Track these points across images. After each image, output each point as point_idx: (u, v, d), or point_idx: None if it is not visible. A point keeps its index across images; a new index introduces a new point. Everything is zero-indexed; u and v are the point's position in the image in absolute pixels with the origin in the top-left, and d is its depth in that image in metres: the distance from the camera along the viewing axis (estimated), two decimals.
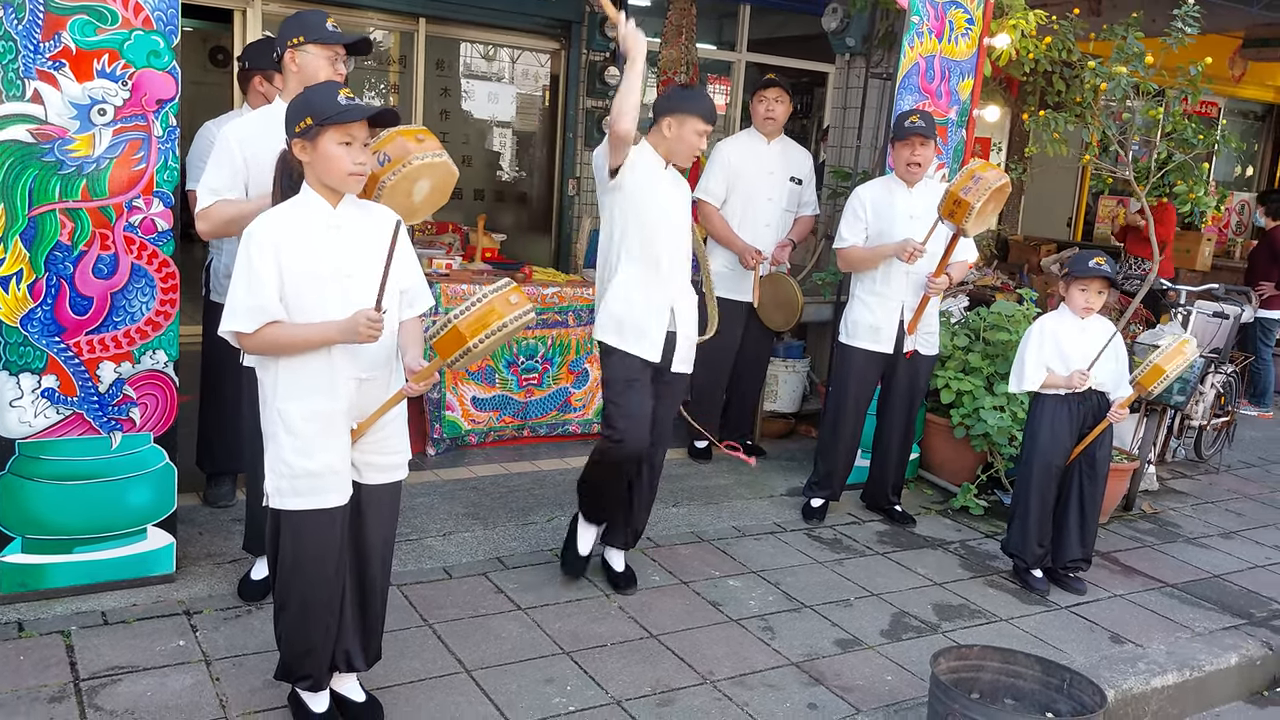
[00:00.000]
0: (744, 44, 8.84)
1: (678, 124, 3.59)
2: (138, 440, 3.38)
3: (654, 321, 3.66)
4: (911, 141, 4.38)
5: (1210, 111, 11.62)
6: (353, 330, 2.50)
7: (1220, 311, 6.26)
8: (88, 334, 3.26)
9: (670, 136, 3.61)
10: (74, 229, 3.18)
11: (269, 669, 2.91)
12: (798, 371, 5.90)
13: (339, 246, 2.55)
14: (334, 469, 2.63)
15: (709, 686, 3.23)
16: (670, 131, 3.60)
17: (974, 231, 4.20)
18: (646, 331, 3.65)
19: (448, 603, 3.59)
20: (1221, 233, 11.46)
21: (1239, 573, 4.64)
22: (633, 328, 3.64)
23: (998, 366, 5.12)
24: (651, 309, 3.66)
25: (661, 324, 3.68)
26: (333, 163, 2.51)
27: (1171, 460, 6.24)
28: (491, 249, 6.35)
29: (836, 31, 5.66)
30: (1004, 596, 4.13)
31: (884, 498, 4.86)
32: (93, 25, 3.10)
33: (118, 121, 3.19)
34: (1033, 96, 6.31)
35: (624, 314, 3.64)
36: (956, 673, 3.04)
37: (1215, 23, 6.56)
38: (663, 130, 3.62)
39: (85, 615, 3.28)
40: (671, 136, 3.61)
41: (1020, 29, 5.13)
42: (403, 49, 7.59)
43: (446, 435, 5.11)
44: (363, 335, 2.50)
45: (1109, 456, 4.26)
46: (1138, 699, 3.51)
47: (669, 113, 3.60)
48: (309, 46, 3.11)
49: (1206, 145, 5.64)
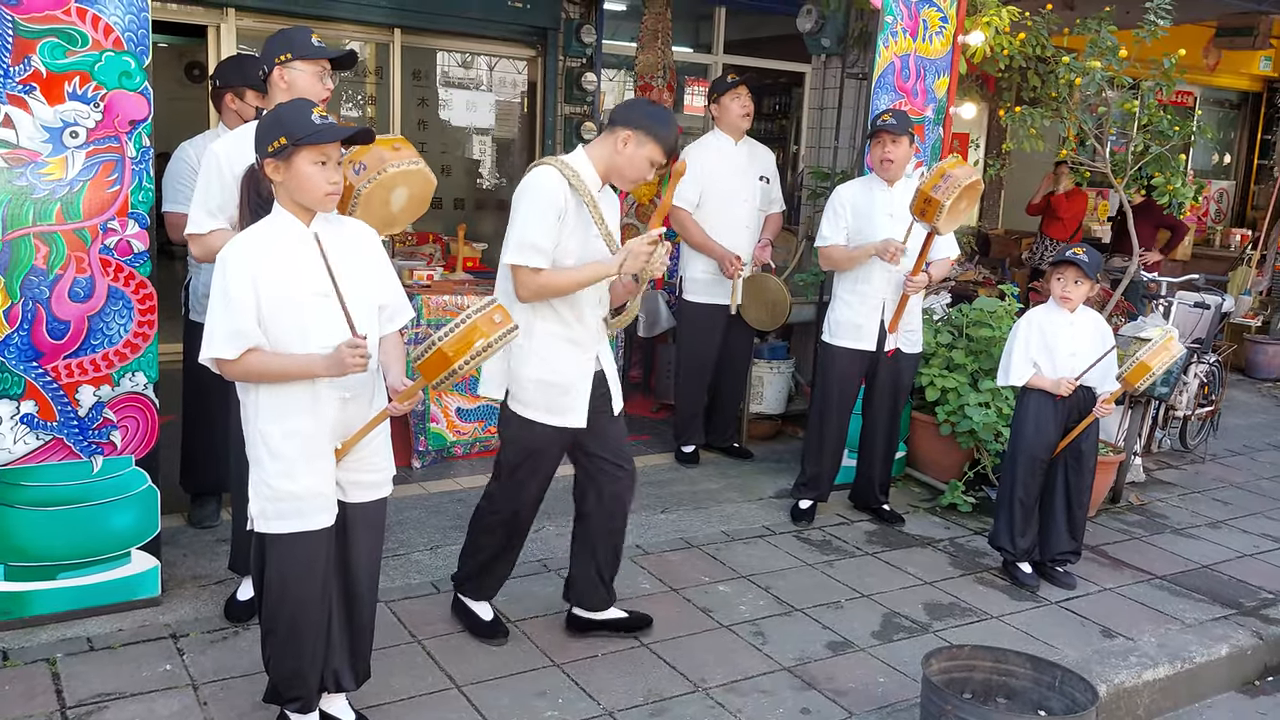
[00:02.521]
0: (720, 46, 8.85)
1: (636, 143, 3.12)
2: (119, 463, 3.36)
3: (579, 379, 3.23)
4: (882, 138, 4.40)
5: (1186, 101, 11.69)
6: (339, 363, 2.47)
7: (1201, 302, 6.29)
8: (66, 358, 3.23)
9: (623, 153, 3.13)
10: (49, 253, 3.15)
11: (257, 691, 2.89)
12: (782, 372, 5.90)
13: (315, 265, 2.53)
14: (318, 491, 2.61)
15: (701, 694, 3.22)
16: (625, 148, 3.12)
17: (947, 229, 4.22)
18: (569, 390, 3.22)
19: (436, 618, 3.57)
20: (1200, 221, 11.54)
21: (1227, 562, 4.66)
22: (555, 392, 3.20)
23: (981, 363, 5.13)
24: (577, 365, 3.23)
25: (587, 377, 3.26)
26: (307, 182, 2.49)
27: (1157, 451, 6.27)
28: (473, 258, 6.33)
29: (811, 32, 5.67)
30: (994, 593, 4.14)
31: (872, 497, 4.86)
32: (62, 48, 3.08)
33: (90, 144, 3.16)
34: (1009, 92, 6.33)
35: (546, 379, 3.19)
36: (948, 673, 3.04)
37: (1188, 13, 6.60)
38: (617, 143, 3.13)
39: (70, 642, 3.24)
40: (625, 154, 3.13)
41: (994, 26, 5.15)
42: (379, 60, 7.56)
43: (432, 447, 5.09)
44: (349, 367, 2.48)
45: (1095, 449, 4.28)
46: (1130, 693, 3.52)
47: (632, 126, 3.12)
48: (297, 63, 3.11)
49: (1183, 136, 5.67)
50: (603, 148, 3.20)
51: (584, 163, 3.19)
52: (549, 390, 3.21)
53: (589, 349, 3.26)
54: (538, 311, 3.18)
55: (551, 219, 3.09)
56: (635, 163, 3.15)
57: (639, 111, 3.19)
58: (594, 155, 3.20)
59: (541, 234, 3.08)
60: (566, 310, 3.19)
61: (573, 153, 3.25)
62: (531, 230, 3.08)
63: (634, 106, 3.24)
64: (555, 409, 3.23)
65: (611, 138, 3.17)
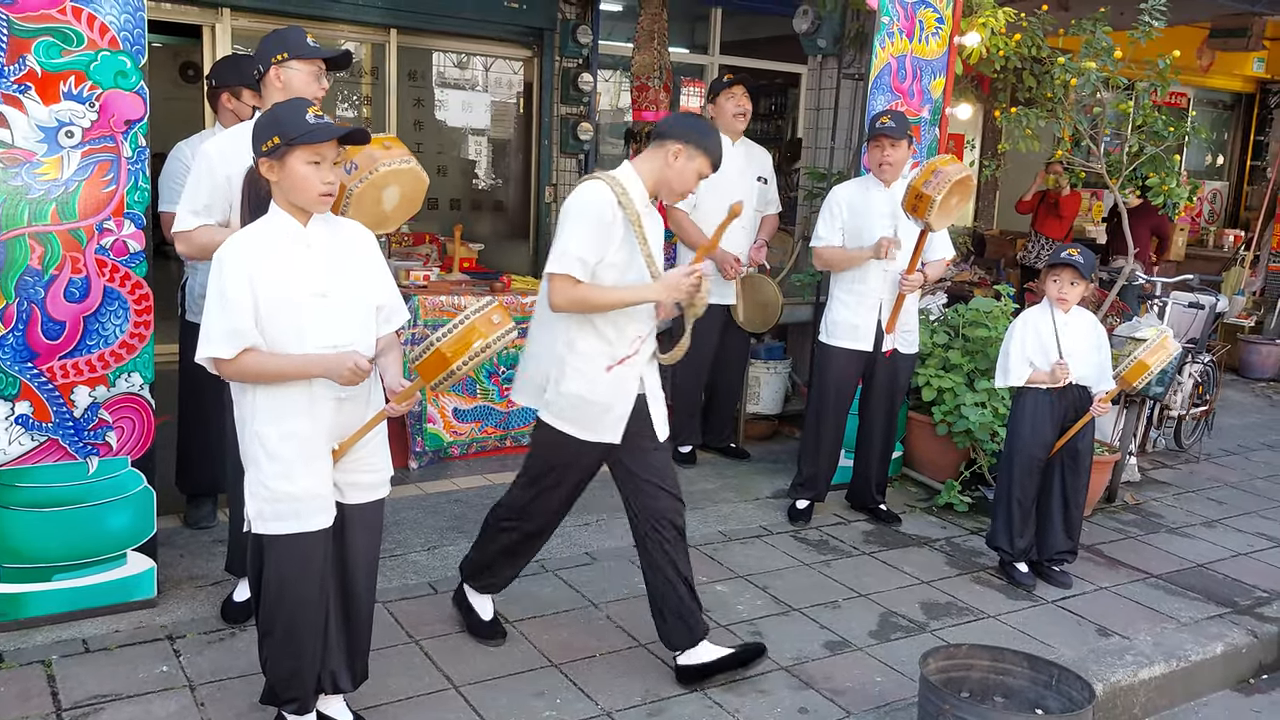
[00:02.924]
0: (716, 47, 8.86)
1: (687, 156, 3.09)
2: (115, 464, 3.35)
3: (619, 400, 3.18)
4: (881, 142, 4.40)
5: (1180, 102, 11.72)
6: (338, 370, 2.48)
7: (1195, 302, 6.31)
8: (61, 359, 3.22)
9: (674, 166, 3.10)
10: (44, 253, 3.14)
11: (254, 692, 2.88)
12: (779, 373, 5.90)
13: (311, 265, 2.53)
14: (316, 492, 2.60)
15: (699, 694, 3.22)
16: (676, 161, 3.09)
17: (939, 225, 4.23)
18: (609, 410, 3.17)
19: (434, 618, 3.56)
20: (1194, 222, 11.57)
21: (1222, 561, 4.67)
22: (595, 410, 3.16)
23: (978, 363, 5.14)
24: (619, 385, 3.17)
25: (628, 398, 3.20)
26: (302, 183, 2.49)
27: (1152, 450, 6.29)
28: (469, 259, 6.33)
29: (808, 33, 5.67)
30: (991, 593, 4.14)
31: (868, 497, 4.87)
32: (58, 47, 3.07)
33: (86, 143, 3.15)
34: (1004, 93, 6.35)
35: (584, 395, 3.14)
36: (946, 672, 3.04)
37: (1182, 14, 6.61)
38: (668, 155, 3.09)
39: (66, 644, 3.23)
40: (675, 167, 3.10)
41: (990, 27, 5.16)
42: (375, 60, 7.55)
43: (429, 448, 5.08)
44: (345, 379, 2.48)
45: (1091, 449, 4.29)
46: (1126, 691, 3.52)
47: (683, 140, 3.08)
48: (293, 63, 3.10)
49: (1177, 137, 5.69)
50: (652, 161, 3.14)
51: (633, 179, 3.14)
52: (587, 407, 3.14)
53: (632, 371, 3.20)
54: (581, 329, 3.13)
55: (598, 233, 3.05)
56: (685, 176, 3.13)
57: (689, 125, 3.15)
58: (642, 170, 3.15)
59: (585, 246, 3.04)
60: (610, 330, 3.13)
61: (620, 168, 3.18)
62: (575, 241, 3.04)
63: (683, 120, 3.20)
64: (588, 425, 3.16)
65: (661, 151, 3.12)
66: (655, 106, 6.51)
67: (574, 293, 3.04)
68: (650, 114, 6.42)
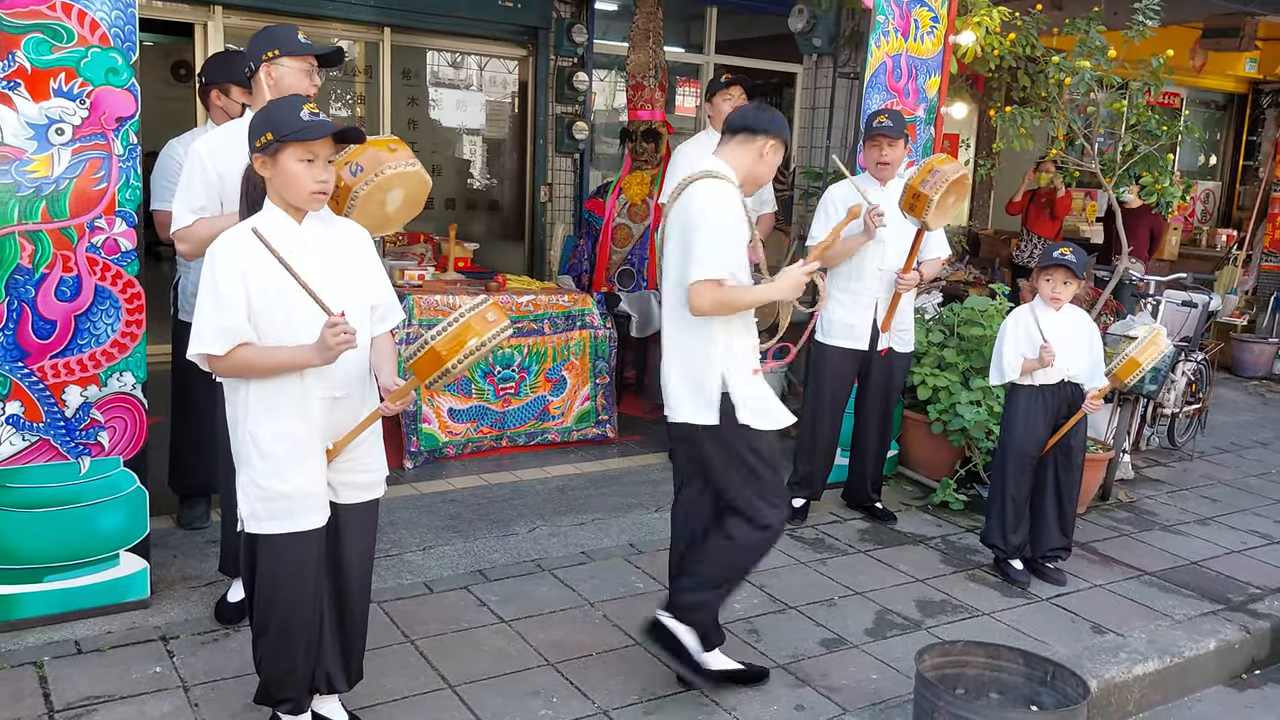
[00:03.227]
0: (712, 46, 8.85)
1: (775, 150, 3.14)
2: (107, 464, 3.33)
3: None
4: (879, 141, 4.40)
5: (1173, 102, 11.75)
6: (325, 347, 2.42)
7: (1189, 300, 6.32)
8: (52, 358, 3.20)
9: (767, 160, 3.14)
10: (35, 251, 3.12)
11: (248, 693, 2.86)
12: (775, 372, 5.90)
13: (305, 263, 2.51)
14: (309, 491, 2.59)
15: (695, 692, 3.21)
16: (768, 156, 3.14)
17: (936, 224, 4.23)
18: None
19: (429, 618, 3.55)
20: (1187, 222, 11.60)
21: (1215, 558, 4.67)
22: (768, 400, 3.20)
23: (973, 361, 5.14)
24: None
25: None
26: (293, 180, 2.47)
27: (1146, 448, 6.29)
28: (464, 258, 6.32)
29: (803, 32, 5.68)
30: (986, 590, 4.14)
31: (864, 495, 4.87)
32: (48, 44, 3.05)
33: (76, 141, 3.13)
34: (998, 92, 6.36)
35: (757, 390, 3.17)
36: (941, 669, 3.04)
37: (1175, 14, 6.64)
38: (762, 150, 3.12)
39: (58, 645, 3.21)
40: (768, 161, 3.15)
41: (984, 26, 5.17)
42: (369, 59, 7.54)
43: (424, 448, 5.07)
44: (334, 346, 2.40)
45: (1084, 445, 4.29)
46: (1120, 688, 3.52)
47: (778, 135, 3.13)
48: (283, 59, 3.08)
49: (1170, 136, 5.70)
50: (744, 156, 3.13)
51: (732, 175, 3.13)
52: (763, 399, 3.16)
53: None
54: (733, 330, 3.12)
55: (735, 235, 3.06)
56: (772, 169, 3.17)
57: (776, 120, 3.16)
58: (736, 165, 3.14)
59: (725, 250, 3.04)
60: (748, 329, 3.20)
61: (719, 165, 3.13)
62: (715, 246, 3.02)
63: (768, 114, 3.18)
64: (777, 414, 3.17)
65: (754, 146, 3.12)
66: (650, 106, 6.49)
67: (718, 294, 3.01)
68: (645, 113, 6.40)
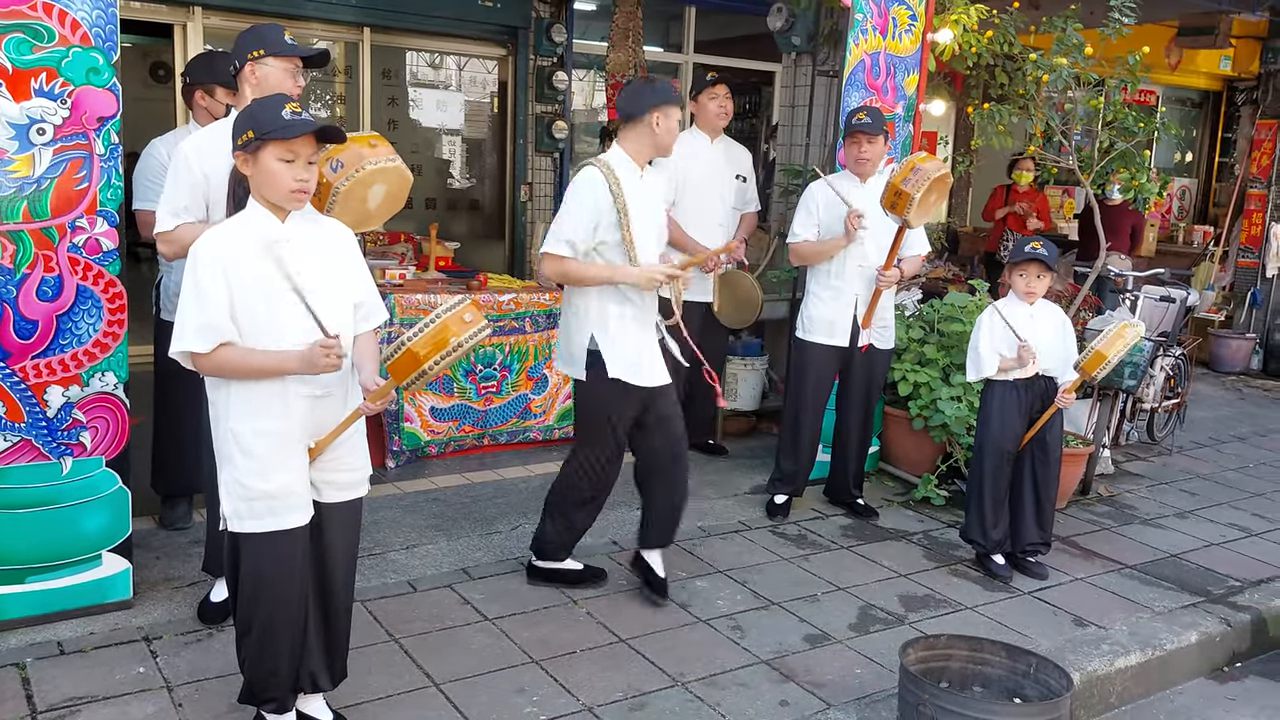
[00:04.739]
0: (691, 45, 8.87)
1: (664, 116, 3.53)
2: (89, 465, 3.31)
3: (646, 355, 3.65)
4: (858, 138, 4.43)
5: (1149, 100, 11.84)
6: (311, 362, 2.45)
7: (1167, 296, 6.38)
8: (33, 358, 3.18)
9: (660, 130, 3.54)
10: (15, 251, 3.10)
11: (232, 693, 2.85)
12: (756, 369, 5.92)
13: (289, 261, 2.51)
14: (292, 489, 2.59)
15: (680, 689, 3.22)
16: (660, 125, 3.53)
17: (917, 222, 4.26)
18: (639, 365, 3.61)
19: (413, 616, 3.55)
20: (1164, 218, 11.69)
21: (1195, 551, 4.73)
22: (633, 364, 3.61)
23: (953, 357, 5.18)
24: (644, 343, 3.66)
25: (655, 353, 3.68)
26: (273, 178, 2.47)
27: (1125, 443, 6.35)
28: (445, 257, 6.31)
29: (782, 30, 5.70)
30: (968, 585, 4.18)
31: (846, 491, 4.89)
32: (28, 43, 3.03)
33: (58, 140, 3.12)
34: (976, 90, 6.39)
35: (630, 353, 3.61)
36: (925, 663, 3.06)
37: (1151, 13, 6.69)
38: (652, 125, 3.53)
39: (41, 646, 3.20)
40: (661, 130, 3.54)
41: (962, 24, 5.20)
42: (348, 59, 7.52)
43: (406, 447, 5.06)
44: (321, 367, 2.46)
45: (1060, 439, 4.33)
46: (1103, 680, 3.56)
47: (658, 106, 3.51)
48: (269, 59, 3.08)
49: (1147, 133, 5.75)
50: (638, 139, 3.57)
51: (622, 160, 3.57)
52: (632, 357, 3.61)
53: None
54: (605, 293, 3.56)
55: (589, 215, 3.48)
56: (671, 131, 3.56)
57: (645, 93, 3.55)
58: (630, 149, 3.58)
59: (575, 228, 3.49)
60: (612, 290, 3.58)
61: (610, 152, 3.59)
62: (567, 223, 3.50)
63: (638, 93, 3.57)
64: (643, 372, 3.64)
65: (642, 125, 3.54)
66: None
67: (558, 266, 3.51)
68: None
